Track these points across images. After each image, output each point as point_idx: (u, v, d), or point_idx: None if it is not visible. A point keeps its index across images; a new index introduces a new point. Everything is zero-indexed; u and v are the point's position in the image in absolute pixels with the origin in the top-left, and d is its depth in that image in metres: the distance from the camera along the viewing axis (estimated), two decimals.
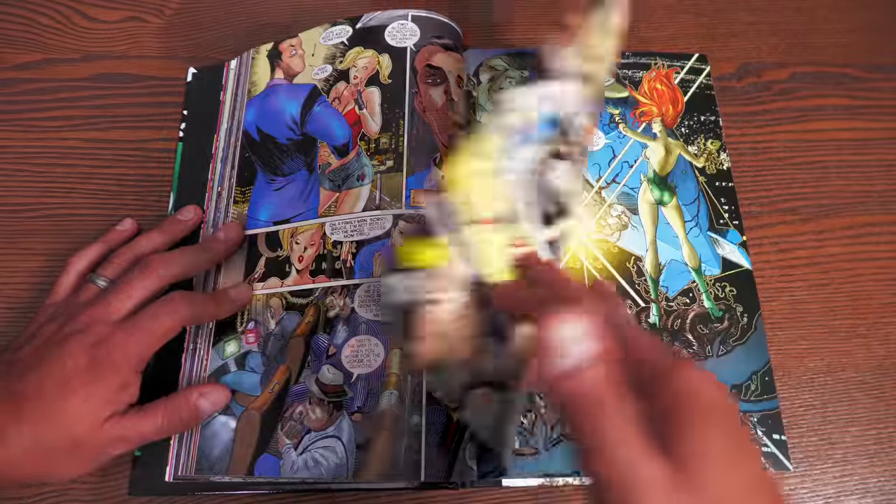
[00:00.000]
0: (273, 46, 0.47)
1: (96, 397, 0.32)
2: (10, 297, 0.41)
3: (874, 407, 0.42)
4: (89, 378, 0.32)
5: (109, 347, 0.33)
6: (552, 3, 0.54)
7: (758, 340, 0.42)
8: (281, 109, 0.45)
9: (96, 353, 0.32)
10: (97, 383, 0.32)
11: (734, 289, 0.43)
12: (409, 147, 0.41)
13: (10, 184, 0.44)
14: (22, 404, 0.31)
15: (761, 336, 0.42)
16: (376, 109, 0.43)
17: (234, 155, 0.45)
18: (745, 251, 0.45)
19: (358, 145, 0.42)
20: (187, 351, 0.39)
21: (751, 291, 0.44)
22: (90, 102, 0.47)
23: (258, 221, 0.42)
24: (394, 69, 0.44)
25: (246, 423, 0.37)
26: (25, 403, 0.31)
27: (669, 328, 0.42)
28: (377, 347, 0.37)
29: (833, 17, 0.55)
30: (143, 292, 0.35)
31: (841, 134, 0.50)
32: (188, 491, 0.37)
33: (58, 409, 0.31)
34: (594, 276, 0.43)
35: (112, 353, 0.33)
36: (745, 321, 0.43)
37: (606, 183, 0.46)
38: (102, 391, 0.32)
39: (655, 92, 0.49)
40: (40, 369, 0.32)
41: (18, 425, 0.31)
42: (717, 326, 0.42)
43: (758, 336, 0.42)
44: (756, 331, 0.42)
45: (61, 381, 0.32)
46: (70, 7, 0.50)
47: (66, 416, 0.31)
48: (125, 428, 0.33)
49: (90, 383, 0.32)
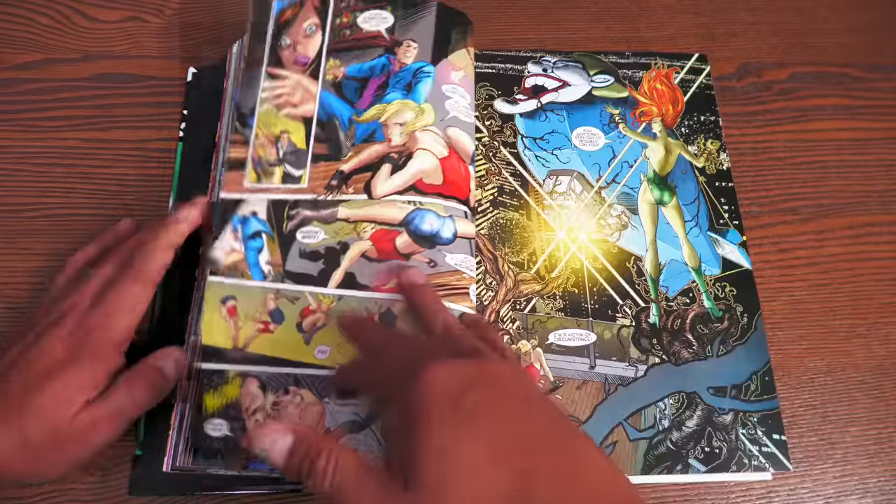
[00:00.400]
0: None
1: (71, 385, 0.32)
2: (10, 297, 0.41)
3: (874, 407, 0.42)
4: (68, 366, 0.32)
5: (84, 332, 0.33)
6: (553, 3, 0.54)
7: (758, 340, 0.42)
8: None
9: (72, 340, 0.32)
10: (75, 370, 0.32)
11: (734, 289, 0.44)
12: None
13: (10, 184, 0.44)
14: (8, 402, 0.31)
15: (761, 336, 0.42)
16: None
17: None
18: (745, 251, 0.45)
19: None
20: (188, 343, 0.39)
21: (751, 291, 0.44)
22: (90, 102, 0.47)
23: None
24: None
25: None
26: (10, 400, 0.31)
27: (669, 328, 0.42)
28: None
29: (833, 17, 0.55)
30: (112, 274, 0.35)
31: (841, 134, 0.50)
32: (188, 490, 0.37)
33: (37, 401, 0.31)
34: (594, 278, 0.43)
35: (88, 337, 0.33)
36: (745, 321, 0.43)
37: (606, 183, 0.46)
38: (77, 377, 0.32)
39: (655, 92, 0.49)
40: (23, 364, 0.32)
41: (7, 424, 0.31)
42: (717, 326, 0.42)
43: (758, 336, 0.42)
44: (756, 331, 0.42)
45: (43, 373, 0.32)
46: (70, 7, 0.50)
47: (44, 408, 0.31)
48: (94, 412, 0.32)
49: (68, 370, 0.32)
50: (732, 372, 0.41)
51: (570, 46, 0.51)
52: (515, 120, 0.48)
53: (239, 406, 0.35)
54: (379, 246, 0.39)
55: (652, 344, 0.41)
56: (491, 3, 0.53)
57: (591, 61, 0.50)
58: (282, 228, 0.39)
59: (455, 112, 0.43)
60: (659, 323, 0.42)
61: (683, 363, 0.41)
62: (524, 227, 0.44)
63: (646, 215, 0.45)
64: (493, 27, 0.52)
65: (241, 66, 0.44)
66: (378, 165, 0.40)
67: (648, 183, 0.46)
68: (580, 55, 0.50)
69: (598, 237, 0.44)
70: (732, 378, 0.41)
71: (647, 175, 0.46)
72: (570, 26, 0.53)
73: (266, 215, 0.39)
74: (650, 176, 0.46)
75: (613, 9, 0.54)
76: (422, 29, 0.44)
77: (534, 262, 0.43)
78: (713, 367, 0.41)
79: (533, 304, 0.42)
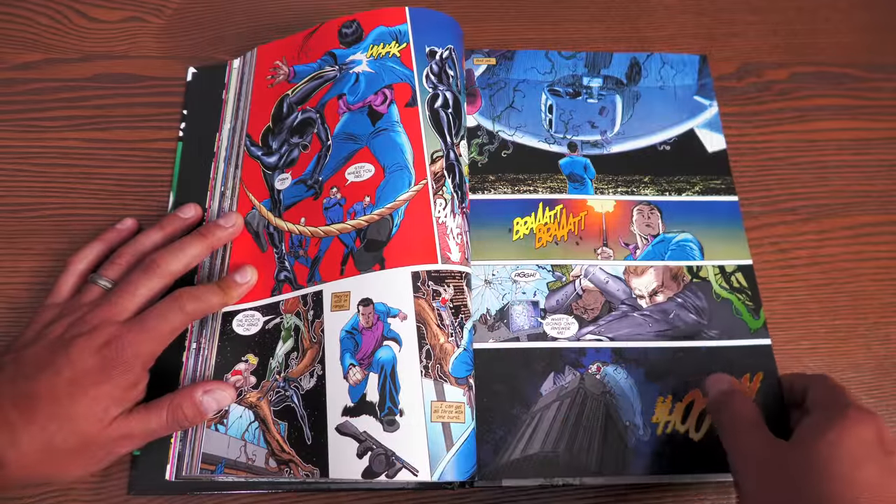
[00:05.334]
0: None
1: (106, 397, 0.32)
2: (10, 297, 0.41)
3: (874, 407, 0.42)
4: (99, 378, 0.32)
5: (119, 348, 0.33)
6: (553, 3, 0.54)
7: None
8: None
9: (106, 353, 0.33)
10: (107, 383, 0.32)
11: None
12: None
13: (10, 184, 0.44)
14: (34, 406, 0.31)
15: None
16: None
17: (238, 155, 0.44)
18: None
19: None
20: (189, 349, 0.39)
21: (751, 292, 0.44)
22: (90, 102, 0.47)
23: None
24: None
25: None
26: (37, 405, 0.31)
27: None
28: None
29: (833, 17, 0.55)
30: (148, 291, 0.36)
31: (841, 134, 0.50)
32: (187, 490, 0.37)
33: (68, 410, 0.31)
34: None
35: (122, 353, 0.33)
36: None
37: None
38: (112, 391, 0.32)
39: None
40: (50, 370, 0.32)
41: (30, 426, 0.31)
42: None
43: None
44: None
45: (72, 381, 0.32)
46: (70, 7, 0.50)
47: (76, 417, 0.32)
48: (131, 426, 0.33)
49: (100, 383, 0.32)
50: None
51: (570, 47, 0.51)
52: None
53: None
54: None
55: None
56: (491, 3, 0.53)
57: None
58: None
59: None
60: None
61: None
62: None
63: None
64: (494, 27, 0.52)
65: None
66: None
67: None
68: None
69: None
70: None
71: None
72: (570, 26, 0.53)
73: None
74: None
75: (613, 9, 0.54)
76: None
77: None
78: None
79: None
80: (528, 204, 0.45)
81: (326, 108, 0.43)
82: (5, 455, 0.30)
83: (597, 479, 0.38)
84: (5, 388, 0.32)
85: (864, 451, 0.30)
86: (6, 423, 0.31)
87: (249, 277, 0.39)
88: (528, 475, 0.37)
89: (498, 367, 0.40)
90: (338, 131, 0.42)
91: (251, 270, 0.40)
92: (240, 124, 0.45)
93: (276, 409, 0.37)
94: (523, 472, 0.37)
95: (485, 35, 0.52)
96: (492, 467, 0.37)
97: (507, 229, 0.44)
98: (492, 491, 0.38)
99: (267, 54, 0.47)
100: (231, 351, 0.39)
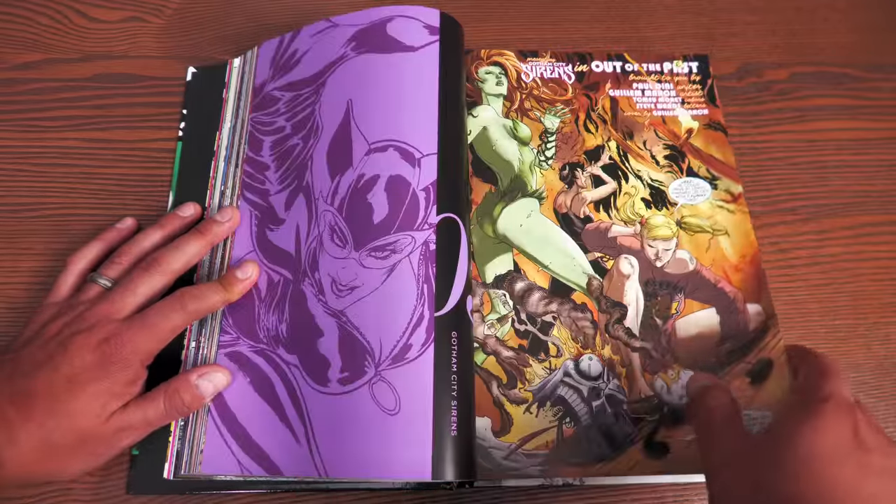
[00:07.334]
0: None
1: (104, 393, 0.32)
2: (10, 297, 0.41)
3: (874, 407, 0.42)
4: (97, 374, 0.32)
5: (118, 344, 0.33)
6: (553, 3, 0.54)
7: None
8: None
9: (104, 349, 0.33)
10: (105, 379, 0.32)
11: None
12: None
13: (10, 184, 0.44)
14: (32, 403, 0.31)
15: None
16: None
17: (238, 154, 0.44)
18: None
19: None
20: (188, 349, 0.39)
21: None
22: (90, 102, 0.47)
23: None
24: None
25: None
26: (35, 402, 0.31)
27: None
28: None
29: (833, 17, 0.55)
30: (148, 290, 0.36)
31: (841, 134, 0.50)
32: (186, 490, 0.37)
33: (66, 406, 0.31)
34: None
35: (120, 350, 0.33)
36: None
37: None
38: (110, 387, 0.32)
39: None
40: (48, 367, 0.32)
41: (28, 424, 0.31)
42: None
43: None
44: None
45: (70, 378, 0.32)
46: (70, 7, 0.50)
47: (75, 413, 0.32)
48: (129, 418, 0.33)
49: (98, 380, 0.32)
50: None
51: (570, 47, 0.51)
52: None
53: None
54: None
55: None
56: (491, 3, 0.53)
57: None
58: None
59: None
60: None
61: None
62: None
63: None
64: (494, 27, 0.52)
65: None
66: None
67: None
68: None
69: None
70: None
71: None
72: (570, 26, 0.53)
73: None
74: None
75: (613, 9, 0.54)
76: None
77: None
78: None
79: None
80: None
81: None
82: (3, 453, 0.30)
83: (597, 480, 0.38)
84: (3, 386, 0.32)
85: (838, 451, 0.28)
86: (4, 421, 0.31)
87: (250, 273, 0.39)
88: (528, 475, 0.37)
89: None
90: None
91: (252, 266, 0.39)
92: (240, 124, 0.45)
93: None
94: (523, 472, 0.37)
95: (485, 35, 0.52)
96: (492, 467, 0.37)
97: None
98: (492, 491, 0.38)
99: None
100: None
